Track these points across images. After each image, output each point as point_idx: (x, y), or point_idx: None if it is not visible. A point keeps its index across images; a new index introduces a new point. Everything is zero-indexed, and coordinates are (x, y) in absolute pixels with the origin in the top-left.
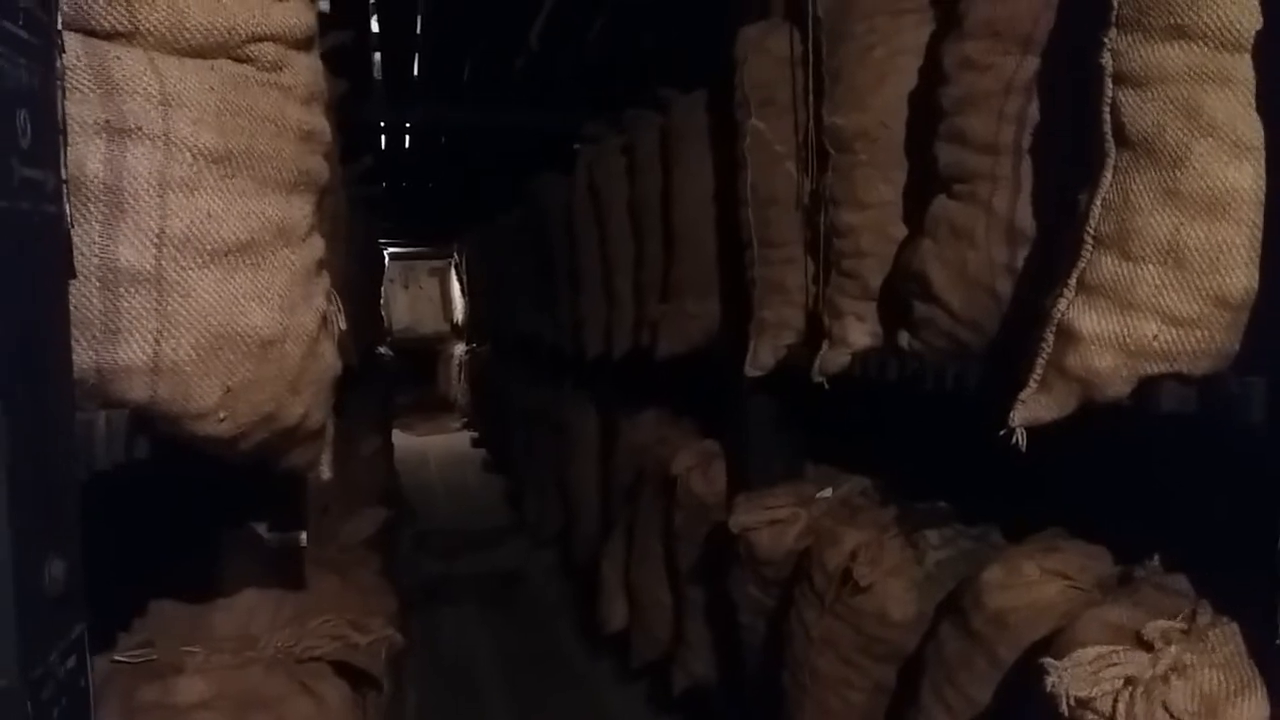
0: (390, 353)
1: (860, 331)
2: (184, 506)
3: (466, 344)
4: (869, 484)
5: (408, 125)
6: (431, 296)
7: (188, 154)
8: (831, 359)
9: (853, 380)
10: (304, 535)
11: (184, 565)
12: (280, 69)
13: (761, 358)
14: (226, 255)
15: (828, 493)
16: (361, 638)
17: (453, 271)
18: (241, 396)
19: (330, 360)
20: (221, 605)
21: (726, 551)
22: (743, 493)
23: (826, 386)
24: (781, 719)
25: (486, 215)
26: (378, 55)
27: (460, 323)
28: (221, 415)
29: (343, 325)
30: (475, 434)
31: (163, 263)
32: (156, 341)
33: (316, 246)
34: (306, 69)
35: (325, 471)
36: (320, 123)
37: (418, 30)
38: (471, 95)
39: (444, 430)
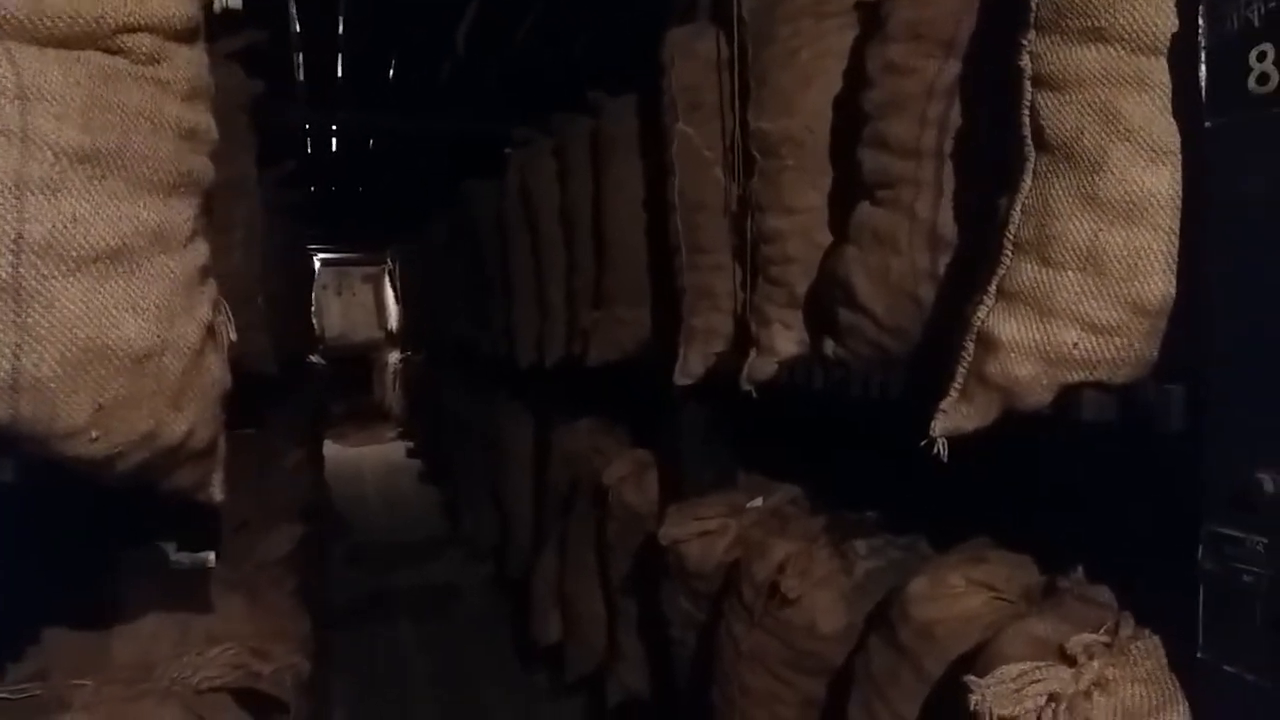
0: (322, 361)
1: (787, 339)
2: (87, 527)
3: (401, 352)
4: (799, 493)
5: (333, 129)
6: (365, 303)
7: (49, 152)
8: (759, 367)
9: (781, 388)
10: (212, 556)
11: (86, 590)
12: (157, 62)
13: (691, 366)
14: (95, 262)
15: (759, 502)
16: (264, 666)
17: (386, 278)
18: (115, 414)
19: (218, 373)
20: (121, 633)
21: (658, 563)
22: (674, 503)
23: (754, 395)
24: None
25: (419, 221)
26: (299, 56)
27: (395, 330)
28: (94, 435)
29: (233, 337)
30: (411, 444)
31: (21, 270)
32: (15, 356)
33: (200, 252)
34: (188, 62)
35: (216, 493)
36: (204, 120)
37: (340, 31)
38: (397, 99)
39: (379, 440)
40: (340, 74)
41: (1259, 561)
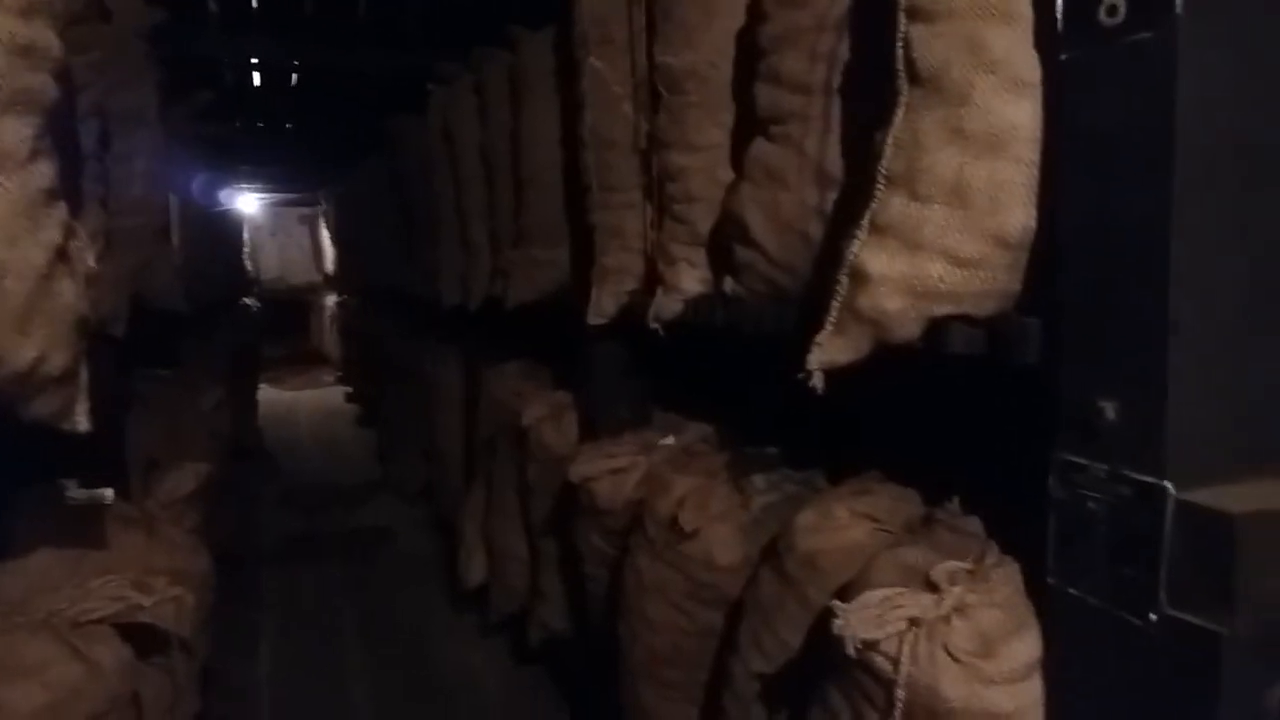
0: (257, 304)
1: (692, 278)
2: None
3: (338, 295)
4: (711, 431)
5: (252, 62)
6: (301, 245)
7: None
8: (665, 305)
9: (688, 327)
10: (110, 492)
11: None
12: None
13: (603, 305)
14: None
15: (670, 440)
16: (144, 598)
17: (322, 219)
18: None
19: (70, 299)
20: (9, 569)
21: (572, 502)
22: (591, 442)
23: (662, 334)
24: (620, 666)
25: (351, 160)
26: None
27: (332, 273)
28: None
29: (90, 263)
30: (349, 388)
31: None
32: None
33: (43, 174)
34: None
35: (81, 422)
36: (44, 37)
37: None
38: (316, 30)
39: (316, 384)
40: (254, 3)
41: (1101, 488)
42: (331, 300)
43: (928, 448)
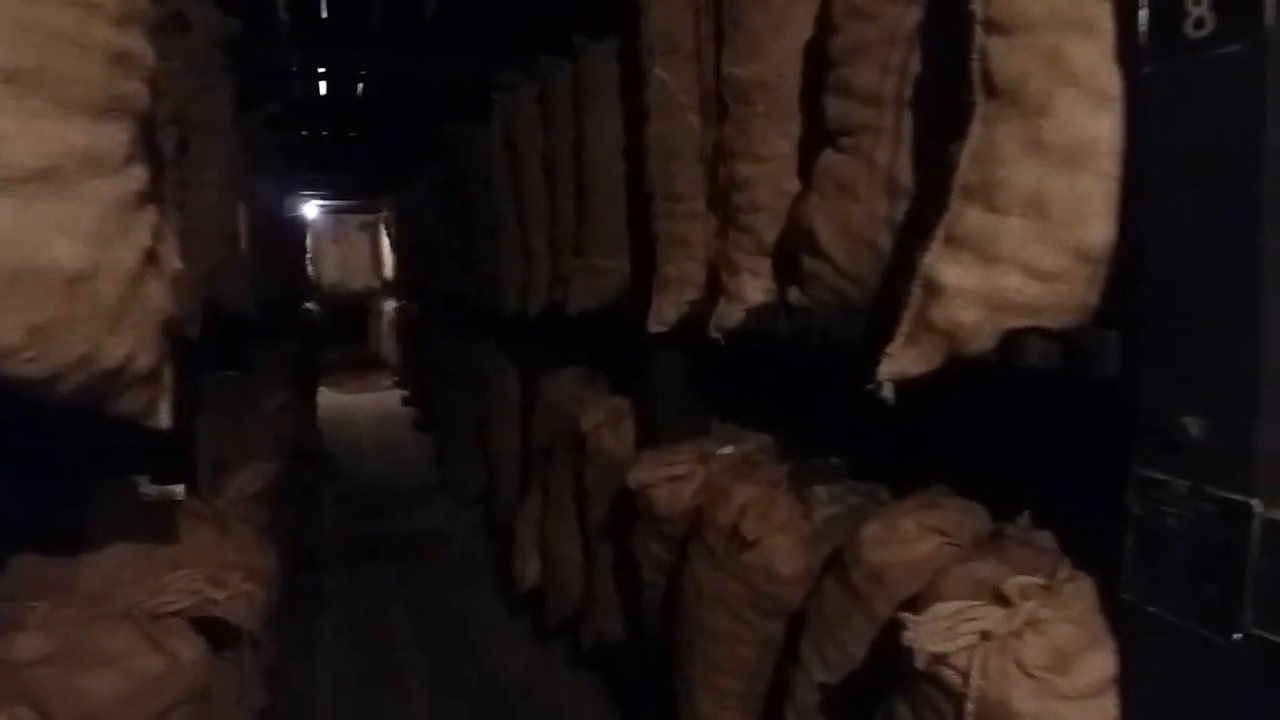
0: (318, 309)
1: (755, 287)
2: (61, 458)
3: (397, 300)
4: (770, 441)
5: (320, 71)
6: (362, 251)
7: None
8: (727, 315)
9: (750, 336)
10: (181, 489)
11: (56, 520)
12: None
13: (664, 313)
14: (24, 183)
15: (729, 450)
16: (218, 593)
17: (383, 226)
18: (50, 336)
19: (159, 300)
20: (88, 561)
21: (630, 508)
22: (649, 450)
23: (723, 343)
24: (675, 675)
25: (413, 168)
26: None
27: (391, 279)
28: (28, 355)
29: (177, 265)
30: (406, 392)
31: None
32: None
33: (136, 177)
34: None
35: (164, 419)
36: (139, 45)
37: None
38: (383, 40)
39: (374, 388)
40: (325, 14)
41: (1182, 504)
42: (390, 306)
43: (995, 461)
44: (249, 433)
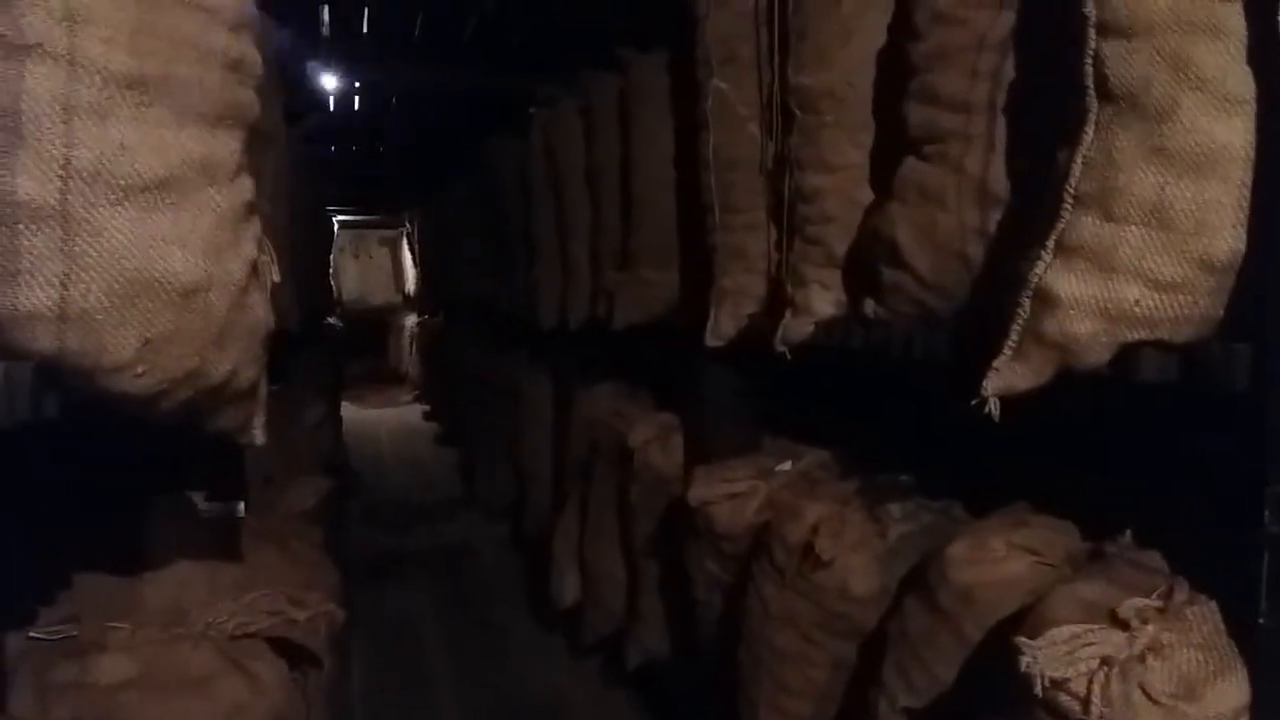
0: (339, 323)
1: (825, 300)
2: (114, 472)
3: (419, 315)
4: (828, 457)
5: (357, 86)
6: (382, 266)
7: (97, 77)
8: (795, 328)
9: (814, 350)
10: (241, 505)
11: (114, 536)
12: None
13: (722, 327)
14: (143, 192)
15: (787, 466)
16: (300, 613)
17: (404, 241)
18: (161, 349)
19: (261, 313)
20: (151, 578)
21: (683, 525)
22: (701, 466)
23: (789, 357)
24: (738, 695)
25: (439, 182)
26: (325, 10)
27: (412, 293)
28: (140, 370)
29: (276, 277)
30: (427, 407)
31: (69, 197)
32: (63, 285)
33: (245, 188)
34: None
35: (258, 436)
36: (250, 52)
37: None
38: (422, 55)
39: (395, 403)
40: (365, 28)
41: None
42: (411, 320)
43: (1080, 479)
44: (292, 447)
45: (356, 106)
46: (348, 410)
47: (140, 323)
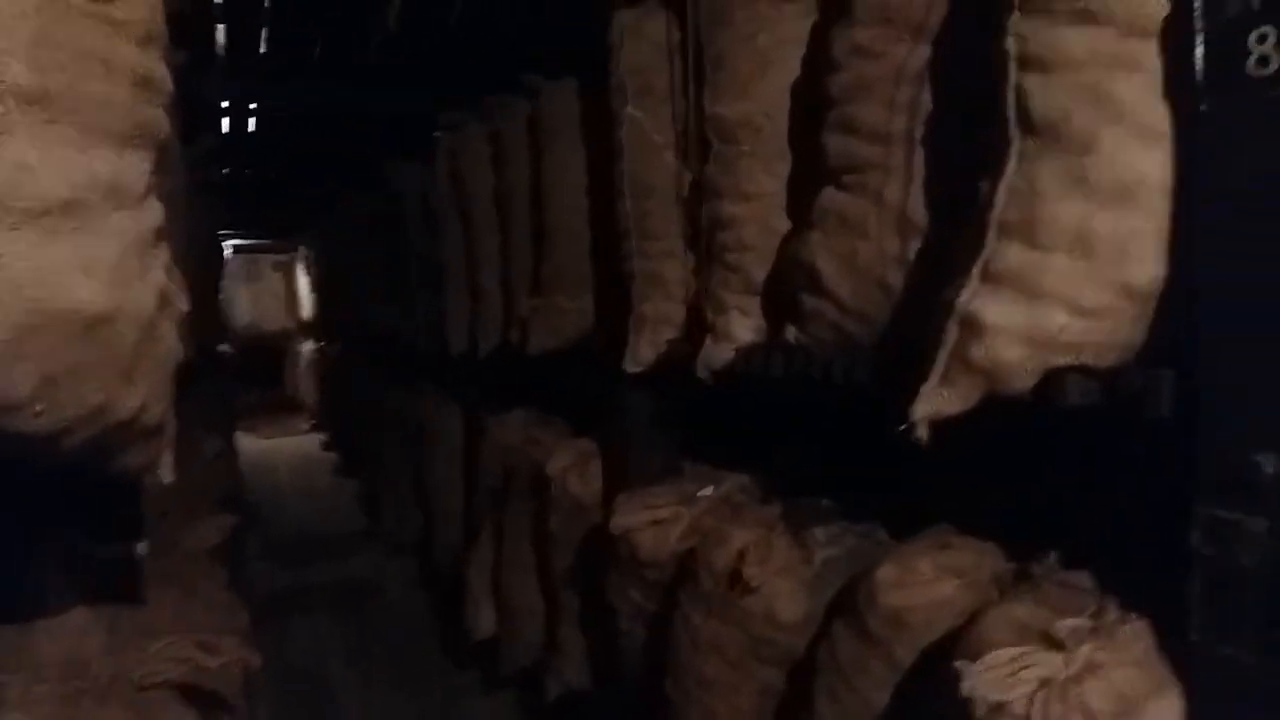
0: (232, 351)
1: (744, 326)
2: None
3: (316, 342)
4: (748, 481)
5: (253, 106)
6: (276, 292)
7: None
8: (715, 354)
9: (733, 376)
10: (144, 545)
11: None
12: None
13: (641, 353)
14: (44, 215)
15: (709, 491)
16: (212, 660)
17: (299, 266)
18: (63, 386)
19: (171, 344)
20: (45, 627)
21: (605, 554)
22: (621, 493)
23: (710, 382)
24: None
25: (335, 206)
26: (221, 27)
27: (308, 319)
28: (38, 408)
29: (185, 305)
30: (325, 436)
31: None
32: None
33: (155, 211)
34: (143, 3)
35: (166, 474)
36: (160, 69)
37: (265, 2)
38: (322, 76)
39: (292, 432)
40: (264, 47)
41: (1258, 543)
42: (307, 347)
43: (998, 500)
44: (190, 482)
45: (251, 127)
46: (243, 440)
47: (40, 358)
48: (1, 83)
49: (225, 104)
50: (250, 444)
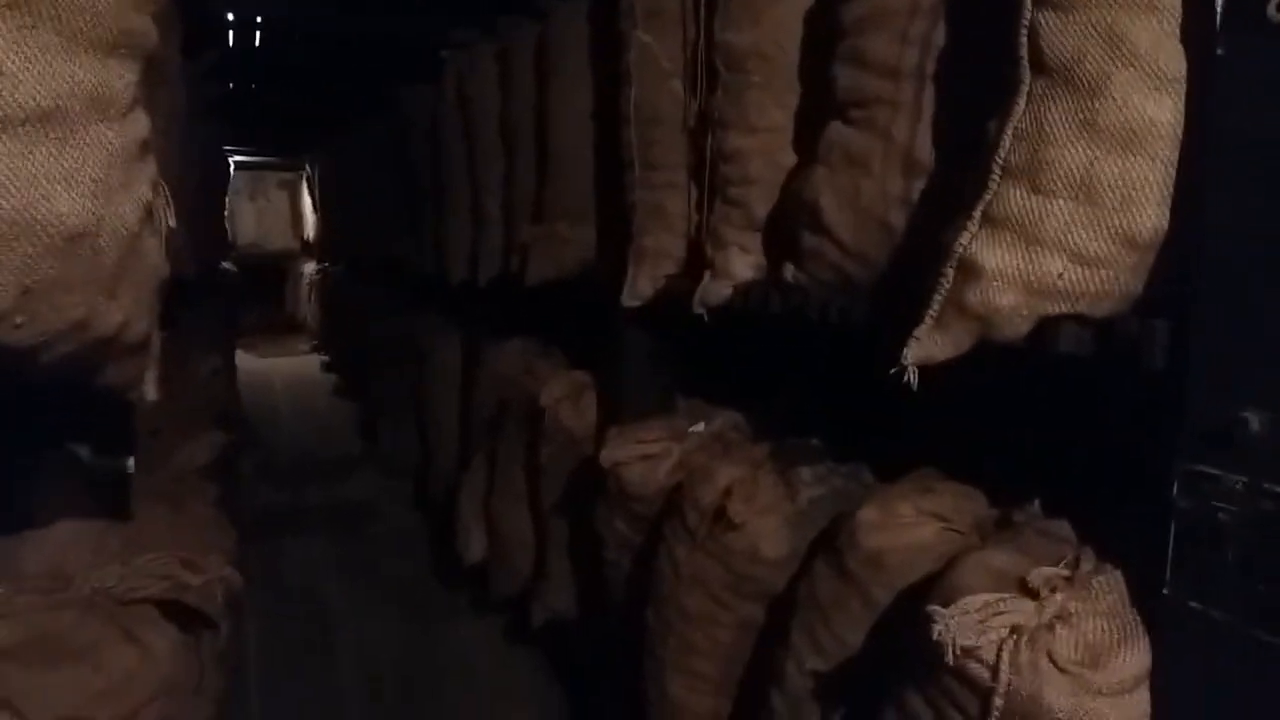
0: (234, 269)
1: (744, 263)
2: None
3: (318, 263)
4: (740, 419)
5: (259, 20)
6: (280, 210)
7: None
8: (713, 291)
9: (732, 313)
10: (131, 461)
11: None
12: None
13: (640, 287)
14: (23, 124)
15: (700, 427)
16: (194, 577)
17: (304, 185)
18: (43, 299)
19: (155, 261)
20: (32, 539)
21: (595, 486)
22: (614, 426)
23: (706, 319)
24: (645, 655)
25: (343, 125)
26: None
27: (311, 240)
28: (18, 320)
29: (172, 221)
30: (326, 358)
31: None
32: None
33: (140, 123)
34: None
35: (150, 392)
36: None
37: None
38: None
39: (292, 352)
40: None
41: (1237, 500)
42: (310, 268)
43: (985, 446)
44: (185, 400)
45: (258, 42)
46: (242, 359)
47: (19, 269)
48: None
49: (231, 18)
50: (250, 363)
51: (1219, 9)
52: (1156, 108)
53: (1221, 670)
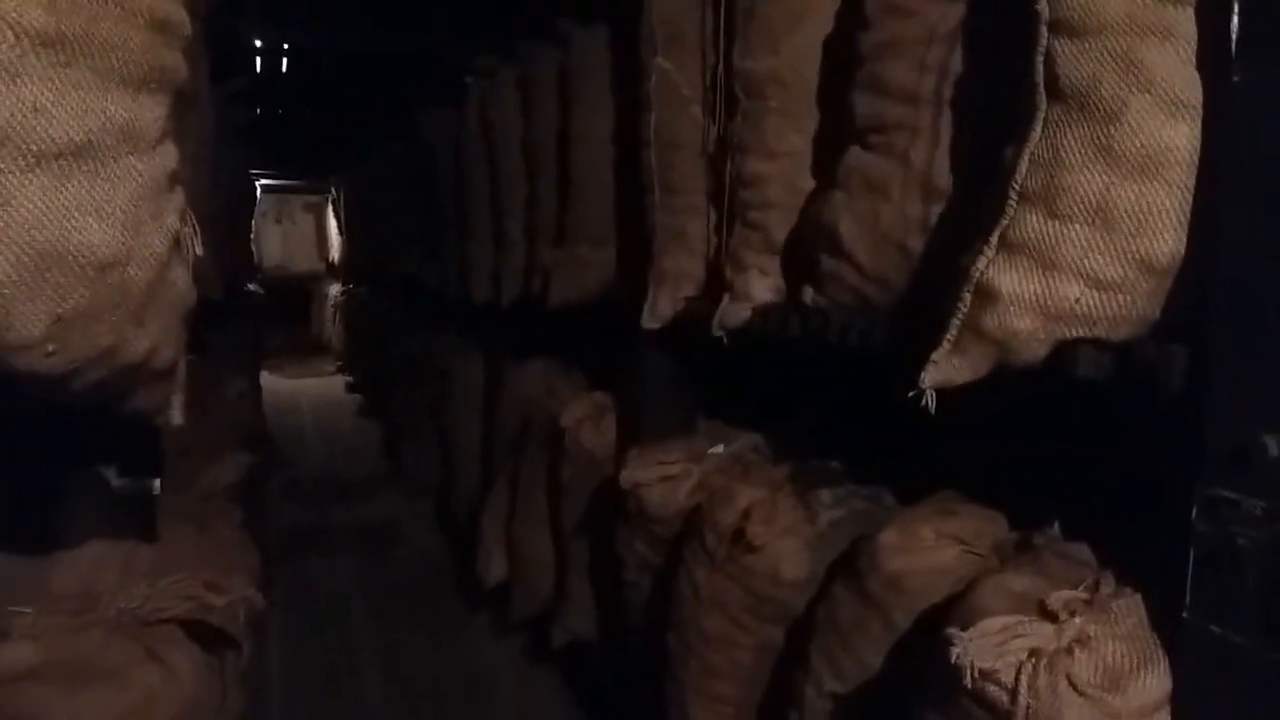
0: (260, 291)
1: (763, 286)
2: (21, 446)
3: (343, 284)
4: (760, 441)
5: (286, 47)
6: (306, 233)
7: (9, 33)
8: (732, 313)
9: (751, 335)
10: (158, 483)
11: (19, 514)
12: None
13: (660, 309)
14: (58, 158)
15: (720, 449)
16: (218, 598)
17: (329, 207)
18: (75, 327)
19: (183, 289)
20: (61, 560)
21: (615, 507)
22: (634, 447)
23: (726, 341)
24: (666, 677)
25: (368, 148)
26: None
27: (336, 261)
28: (50, 348)
29: (199, 250)
30: (350, 379)
31: None
32: None
33: (169, 156)
34: None
35: (176, 416)
36: (177, 12)
37: None
38: (356, 17)
39: (317, 373)
40: None
41: (1256, 524)
42: (335, 289)
43: (1006, 469)
44: (211, 421)
45: (285, 68)
46: (268, 380)
47: (52, 298)
48: (18, 25)
49: (258, 44)
50: (275, 384)
51: (1234, 35)
52: (1173, 133)
53: (1242, 694)
